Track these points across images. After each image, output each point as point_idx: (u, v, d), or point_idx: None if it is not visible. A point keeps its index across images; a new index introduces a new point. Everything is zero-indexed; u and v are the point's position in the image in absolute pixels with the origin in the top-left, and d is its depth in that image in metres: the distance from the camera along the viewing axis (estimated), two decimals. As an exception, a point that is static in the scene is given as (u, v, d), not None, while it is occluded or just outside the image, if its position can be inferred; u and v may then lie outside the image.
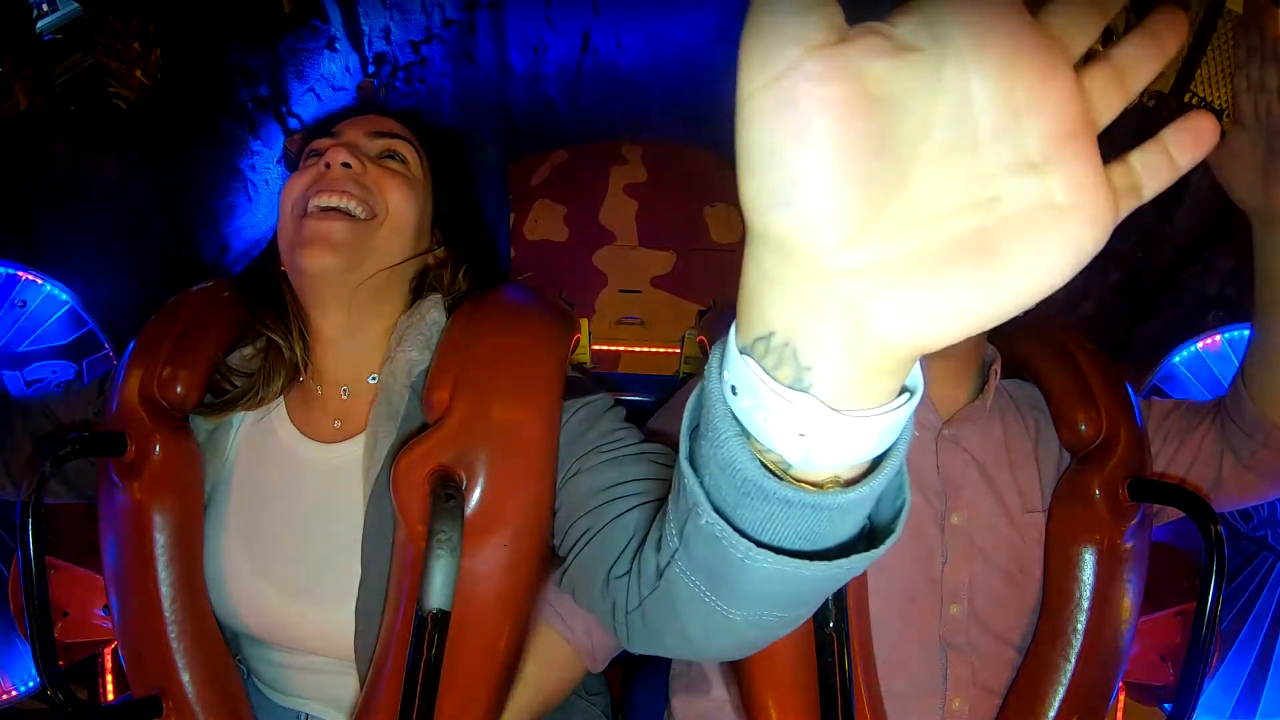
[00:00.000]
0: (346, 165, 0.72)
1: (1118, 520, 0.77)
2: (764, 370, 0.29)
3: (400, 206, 0.75)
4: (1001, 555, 0.80)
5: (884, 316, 0.26)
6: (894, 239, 0.26)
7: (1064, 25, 0.26)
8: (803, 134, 0.24)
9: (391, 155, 0.77)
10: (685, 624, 0.49)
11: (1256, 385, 0.78)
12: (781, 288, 0.28)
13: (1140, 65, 0.28)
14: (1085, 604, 0.77)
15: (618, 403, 0.75)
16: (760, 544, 0.35)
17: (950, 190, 0.26)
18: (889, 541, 0.36)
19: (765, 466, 0.32)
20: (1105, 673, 0.77)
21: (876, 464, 0.32)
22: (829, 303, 0.27)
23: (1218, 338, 1.33)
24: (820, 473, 0.32)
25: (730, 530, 0.35)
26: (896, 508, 0.36)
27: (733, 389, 0.31)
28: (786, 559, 0.35)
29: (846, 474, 0.32)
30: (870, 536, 0.37)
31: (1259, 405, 0.77)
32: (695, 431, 0.36)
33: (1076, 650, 0.77)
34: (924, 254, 0.26)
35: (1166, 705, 0.79)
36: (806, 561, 0.35)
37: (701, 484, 0.36)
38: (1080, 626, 0.77)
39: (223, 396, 0.76)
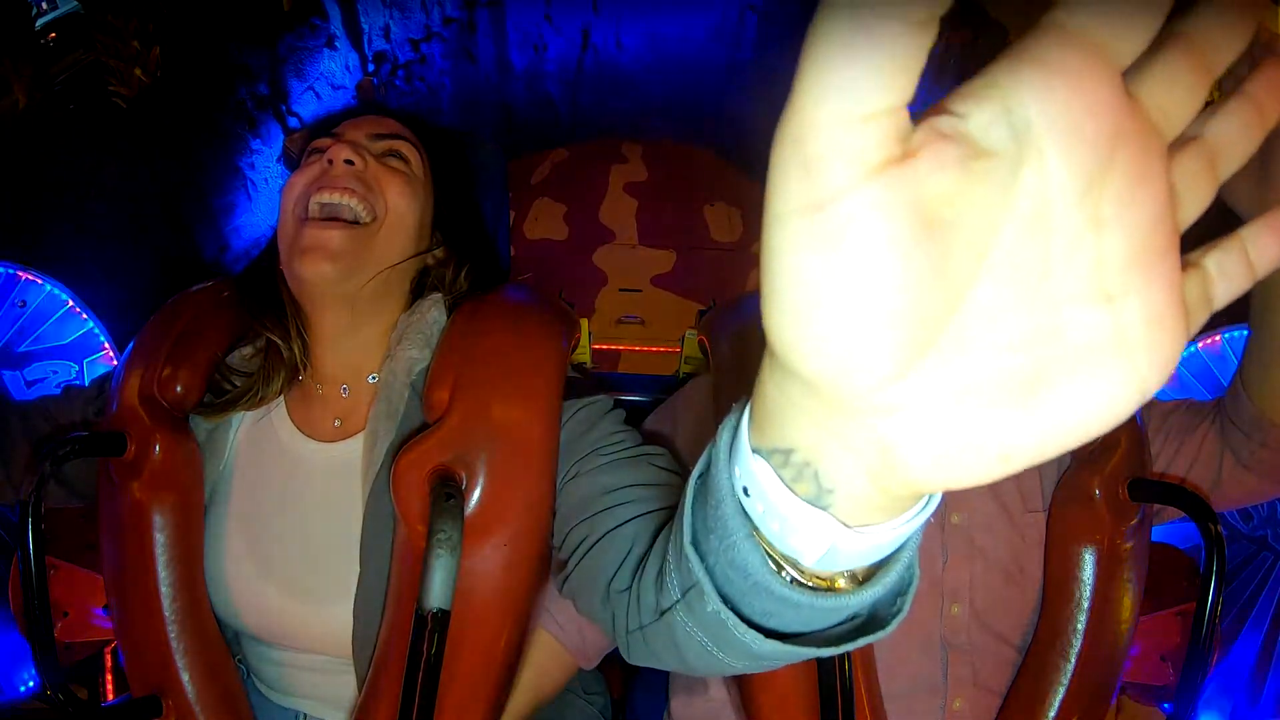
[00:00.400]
0: (349, 162, 0.72)
1: (1118, 520, 0.77)
2: (782, 482, 0.27)
3: (401, 206, 0.75)
4: (1002, 555, 0.80)
5: (917, 457, 0.23)
6: (937, 376, 0.22)
7: (1164, 98, 0.21)
8: (850, 274, 0.20)
9: (393, 155, 0.77)
10: (686, 658, 0.49)
11: (1255, 386, 0.77)
12: (806, 415, 0.25)
13: (1238, 144, 0.23)
14: (1085, 604, 0.77)
15: (617, 404, 0.75)
16: (767, 632, 0.34)
17: (1009, 320, 0.21)
18: (895, 622, 0.34)
19: (776, 564, 0.31)
20: (1105, 673, 0.77)
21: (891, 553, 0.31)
22: (858, 439, 0.24)
23: (1218, 337, 1.33)
24: (832, 572, 0.31)
25: (737, 620, 0.35)
26: (905, 584, 0.34)
27: (744, 490, 0.29)
28: (794, 646, 0.34)
29: (860, 572, 0.31)
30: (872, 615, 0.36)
31: (1258, 406, 0.77)
32: (696, 501, 0.35)
33: (1076, 650, 0.77)
34: (968, 392, 0.22)
35: (1166, 705, 0.79)
36: (815, 649, 0.34)
37: (708, 570, 0.35)
38: (1080, 626, 0.77)
39: (223, 396, 0.76)
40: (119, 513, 0.73)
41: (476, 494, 0.66)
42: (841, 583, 0.31)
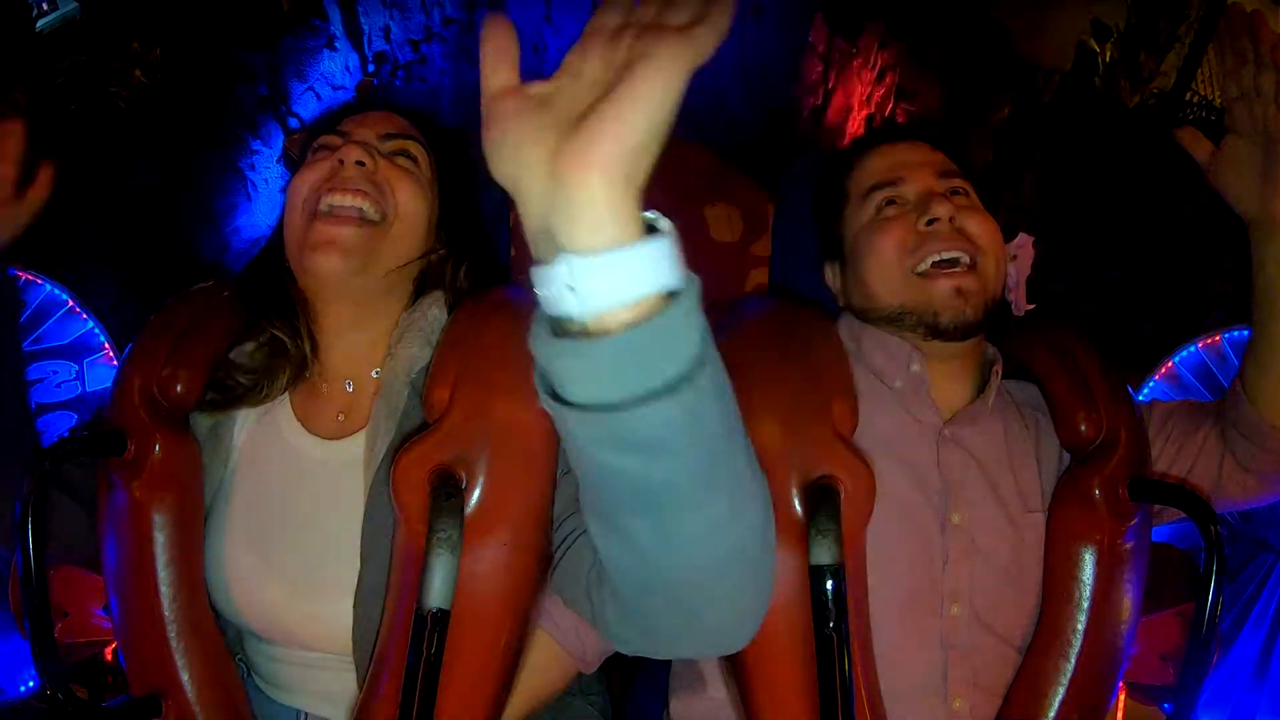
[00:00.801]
0: (360, 163, 0.73)
1: (1118, 520, 0.77)
2: (541, 265, 0.38)
3: (410, 206, 0.75)
4: (1002, 555, 0.80)
5: (569, 145, 0.36)
6: (549, 124, 0.37)
7: None
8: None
9: (403, 154, 0.78)
10: (655, 619, 0.51)
11: (1255, 389, 0.77)
12: (531, 198, 0.38)
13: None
14: (1085, 604, 0.77)
15: None
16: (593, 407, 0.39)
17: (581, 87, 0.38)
18: (700, 380, 0.39)
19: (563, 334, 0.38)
20: (1105, 673, 0.77)
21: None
22: (538, 164, 0.37)
23: (1218, 338, 1.33)
24: (607, 320, 0.36)
25: (560, 406, 0.40)
26: (693, 347, 0.39)
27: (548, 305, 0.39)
28: (614, 414, 0.38)
29: (629, 316, 0.37)
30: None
31: (1258, 408, 0.77)
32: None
33: (1076, 650, 0.77)
34: (568, 121, 0.36)
35: (1166, 705, 0.79)
36: (632, 411, 0.38)
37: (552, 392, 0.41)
38: (1080, 626, 0.77)
39: (227, 392, 0.76)
40: (119, 513, 0.73)
41: (476, 493, 0.66)
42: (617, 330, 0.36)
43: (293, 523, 0.74)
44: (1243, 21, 0.69)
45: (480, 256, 0.84)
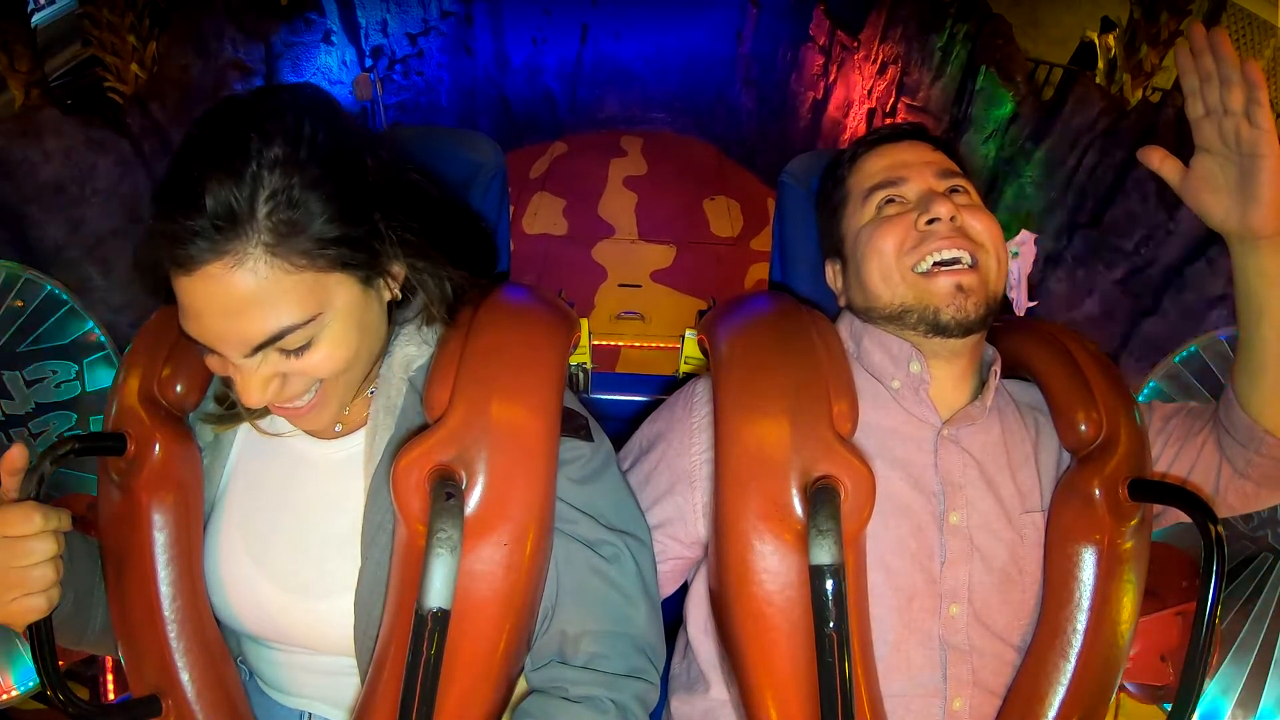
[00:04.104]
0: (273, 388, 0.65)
1: (1118, 520, 0.77)
2: None
3: (335, 368, 0.66)
4: (1001, 555, 0.80)
5: None
6: None
7: None
8: None
9: (301, 349, 0.64)
10: None
11: (1246, 396, 0.77)
12: None
13: None
14: (1085, 604, 0.77)
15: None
16: None
17: None
18: None
19: None
20: (1105, 673, 0.77)
21: None
22: None
23: (1219, 337, 1.32)
24: None
25: None
26: None
27: None
28: None
29: None
30: None
31: (1251, 415, 0.77)
32: None
33: (1076, 650, 0.77)
34: None
35: (1167, 705, 0.79)
36: None
37: None
38: (1080, 626, 0.77)
39: (227, 405, 0.76)
40: (119, 513, 0.73)
41: (476, 493, 0.66)
42: None
43: (286, 523, 0.74)
44: (1204, 41, 0.69)
45: (460, 251, 0.75)
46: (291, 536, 0.74)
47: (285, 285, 0.60)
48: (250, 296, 0.59)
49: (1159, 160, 0.75)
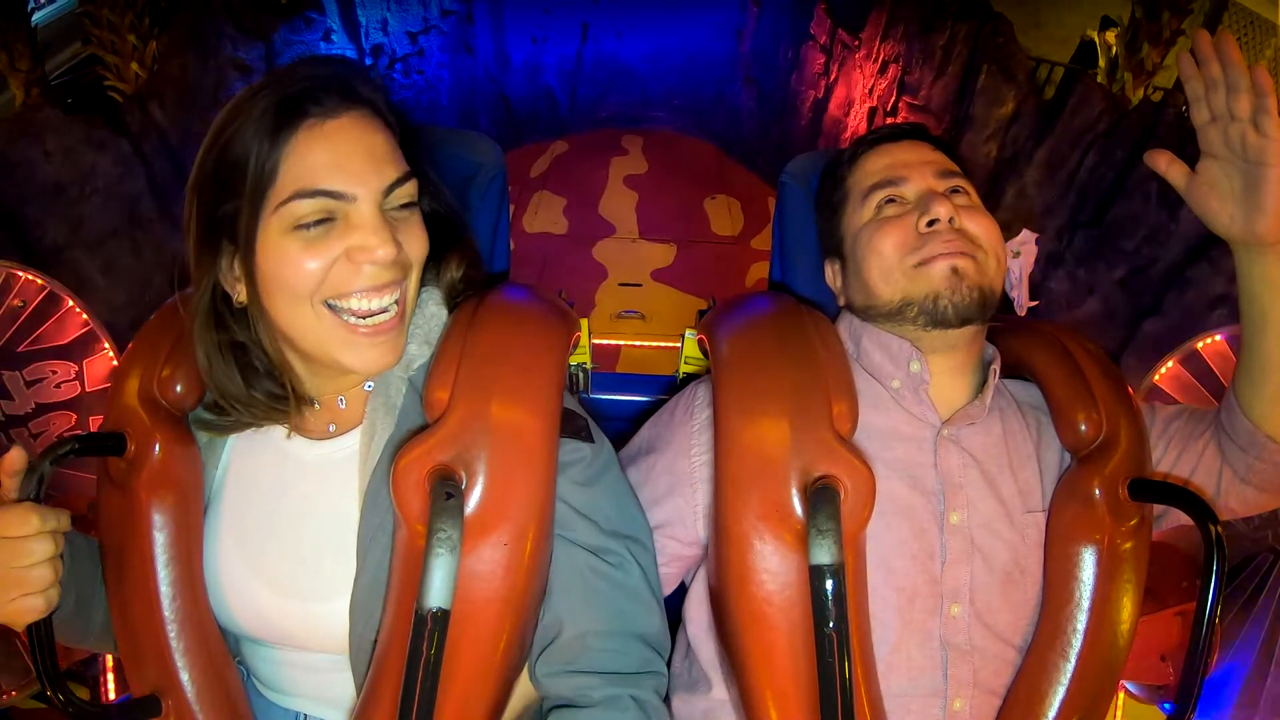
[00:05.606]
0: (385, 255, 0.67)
1: (1118, 520, 0.77)
2: None
3: (419, 253, 0.72)
4: (1002, 555, 0.80)
5: None
6: None
7: None
8: None
9: (406, 206, 0.71)
10: None
11: (1247, 402, 0.77)
12: None
13: None
14: (1085, 604, 0.77)
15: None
16: None
17: None
18: None
19: None
20: (1105, 673, 0.77)
21: None
22: None
23: (1219, 337, 1.32)
24: None
25: None
26: None
27: None
28: None
29: None
30: None
31: (1253, 421, 0.77)
32: None
33: (1076, 650, 0.77)
34: None
35: (1166, 705, 0.79)
36: None
37: None
38: (1080, 626, 0.77)
39: (225, 418, 0.75)
40: (119, 513, 0.73)
41: (476, 493, 0.66)
42: None
43: (280, 524, 0.74)
44: (1210, 48, 0.68)
45: (466, 246, 0.80)
46: (286, 541, 0.74)
47: (396, 144, 0.70)
48: (384, 141, 0.69)
49: (1165, 164, 0.74)
